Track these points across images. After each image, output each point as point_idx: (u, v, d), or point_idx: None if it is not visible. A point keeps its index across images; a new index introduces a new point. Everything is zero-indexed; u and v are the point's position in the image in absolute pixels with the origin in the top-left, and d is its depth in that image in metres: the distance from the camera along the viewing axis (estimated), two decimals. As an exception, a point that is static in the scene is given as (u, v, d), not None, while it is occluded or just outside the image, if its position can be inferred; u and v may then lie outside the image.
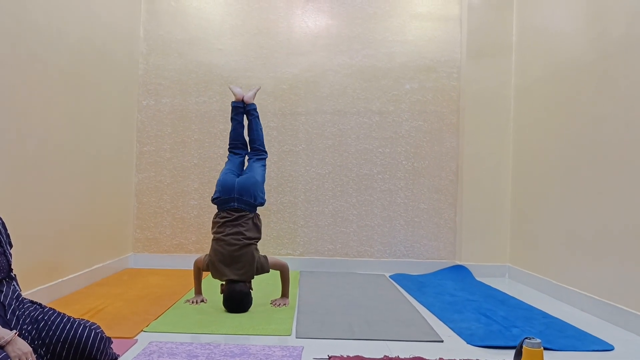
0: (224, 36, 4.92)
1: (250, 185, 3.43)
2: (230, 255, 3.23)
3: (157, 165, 4.87)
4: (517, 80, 4.68)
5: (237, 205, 3.38)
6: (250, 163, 3.69)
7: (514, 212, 4.67)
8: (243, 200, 3.39)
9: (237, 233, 3.29)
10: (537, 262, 4.18)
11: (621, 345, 2.72)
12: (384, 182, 4.90)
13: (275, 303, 3.41)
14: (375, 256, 4.88)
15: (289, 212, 4.88)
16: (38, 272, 3.23)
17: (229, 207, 3.39)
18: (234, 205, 3.38)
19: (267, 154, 3.80)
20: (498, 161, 4.78)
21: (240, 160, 3.72)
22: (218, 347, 2.50)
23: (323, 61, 4.93)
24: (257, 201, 3.45)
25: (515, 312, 3.34)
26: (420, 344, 2.68)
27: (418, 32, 4.94)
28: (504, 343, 2.65)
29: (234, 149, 3.76)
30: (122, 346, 2.46)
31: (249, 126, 3.79)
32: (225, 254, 3.24)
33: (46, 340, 2.04)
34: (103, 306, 3.25)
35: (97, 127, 4.02)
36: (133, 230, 4.85)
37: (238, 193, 3.39)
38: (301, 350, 2.48)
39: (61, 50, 3.44)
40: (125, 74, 4.56)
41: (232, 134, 3.78)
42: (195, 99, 4.89)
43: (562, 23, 3.87)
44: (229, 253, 3.24)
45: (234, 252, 3.24)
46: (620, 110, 3.14)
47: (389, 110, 4.92)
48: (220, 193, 3.43)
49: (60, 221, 3.49)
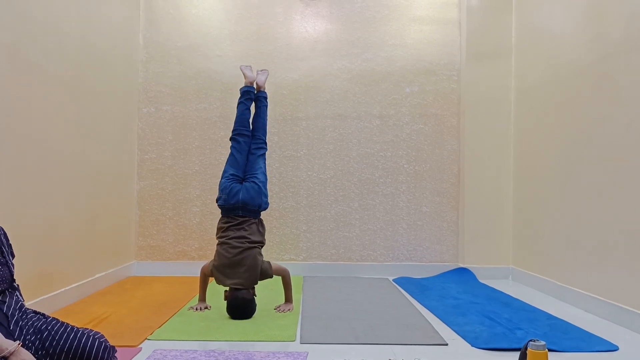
0: (223, 42, 4.93)
1: (255, 195, 3.45)
2: (233, 258, 3.24)
3: (158, 173, 4.88)
4: (517, 82, 4.68)
5: (242, 213, 3.42)
6: (251, 159, 3.68)
7: (516, 214, 4.66)
8: (247, 209, 3.42)
9: (240, 237, 3.31)
10: (540, 264, 4.17)
11: (626, 345, 2.71)
12: (385, 185, 4.90)
13: (279, 309, 3.41)
14: (379, 260, 4.88)
15: (291, 218, 4.88)
16: (40, 281, 3.23)
17: (233, 213, 3.42)
18: (238, 213, 3.42)
19: (267, 147, 3.81)
20: (499, 163, 4.78)
21: (245, 151, 3.66)
22: (222, 354, 2.49)
23: (323, 66, 4.94)
24: (262, 208, 3.50)
25: (519, 314, 3.33)
26: (425, 347, 2.67)
27: (417, 35, 4.95)
28: (509, 345, 2.65)
29: (238, 136, 3.69)
30: (127, 355, 2.45)
31: (256, 112, 3.78)
32: (229, 256, 3.25)
33: (50, 350, 2.04)
34: (106, 315, 3.25)
35: (98, 134, 4.03)
36: (135, 238, 4.85)
37: (242, 202, 3.41)
38: (306, 356, 2.48)
39: (60, 58, 3.45)
40: (125, 82, 4.57)
41: (238, 120, 3.72)
42: (196, 106, 4.90)
43: (561, 25, 3.88)
44: (233, 256, 3.25)
45: (237, 255, 3.25)
46: (620, 111, 3.14)
47: (389, 114, 4.92)
48: (225, 201, 3.44)
49: (62, 230, 3.50)
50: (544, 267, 4.09)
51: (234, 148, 3.67)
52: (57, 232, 3.42)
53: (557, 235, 3.90)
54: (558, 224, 3.88)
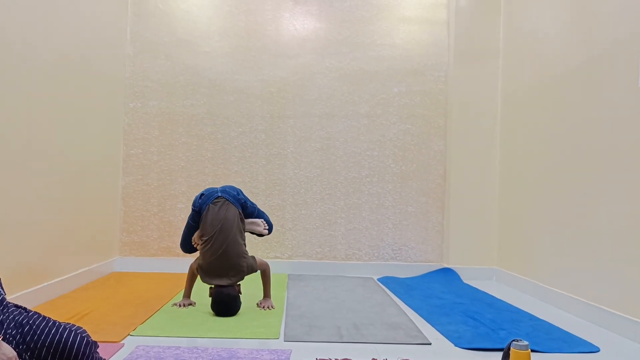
0: (211, 39, 4.91)
1: (231, 189, 3.47)
2: (219, 254, 3.22)
3: (144, 168, 4.84)
4: (504, 84, 4.72)
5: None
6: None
7: (502, 215, 4.70)
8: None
9: (225, 237, 3.28)
10: (524, 265, 4.21)
11: (607, 347, 2.74)
12: (372, 185, 4.91)
13: (262, 305, 3.41)
14: (363, 259, 4.88)
15: (277, 215, 4.87)
16: (23, 276, 3.19)
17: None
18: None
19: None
20: (485, 164, 4.81)
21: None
22: (206, 350, 2.48)
23: (311, 64, 4.93)
24: (242, 199, 3.49)
25: (503, 315, 3.35)
26: (408, 346, 2.68)
27: (405, 35, 4.96)
28: (492, 345, 2.66)
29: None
30: (109, 350, 2.43)
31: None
32: (214, 252, 3.23)
33: (31, 344, 2.01)
34: (89, 310, 3.22)
35: (83, 129, 3.99)
36: (120, 234, 4.81)
37: (221, 191, 3.42)
38: (289, 354, 2.47)
39: (45, 51, 3.41)
40: (111, 76, 4.53)
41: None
42: (183, 102, 4.87)
43: (548, 28, 3.91)
44: (217, 250, 3.22)
45: (223, 249, 3.23)
46: (605, 114, 3.17)
47: (377, 113, 4.93)
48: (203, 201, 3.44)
49: (45, 224, 3.46)
50: (528, 269, 4.13)
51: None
52: (40, 227, 3.38)
53: (541, 237, 3.93)
54: (543, 226, 3.91)
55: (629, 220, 2.94)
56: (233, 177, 4.85)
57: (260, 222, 3.53)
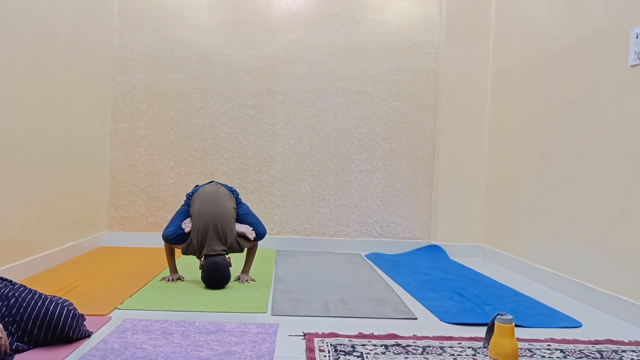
0: (200, 12, 4.84)
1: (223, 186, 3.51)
2: (212, 219, 3.26)
3: (132, 143, 4.80)
4: (495, 63, 4.70)
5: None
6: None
7: (489, 194, 4.73)
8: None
9: (218, 205, 3.33)
10: (509, 243, 4.25)
11: (588, 322, 2.79)
12: (361, 162, 4.91)
13: (242, 280, 3.44)
14: (352, 236, 4.91)
15: (265, 191, 4.87)
16: (10, 249, 3.17)
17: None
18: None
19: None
20: (474, 143, 4.82)
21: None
22: (193, 324, 2.49)
23: (302, 40, 4.89)
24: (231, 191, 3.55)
25: (488, 291, 3.39)
26: (395, 321, 2.71)
27: (397, 12, 4.92)
28: (477, 320, 2.70)
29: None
30: (96, 323, 2.44)
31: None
32: (207, 218, 3.26)
33: (17, 317, 2.01)
34: (76, 284, 3.21)
35: (70, 103, 3.93)
36: (107, 209, 4.79)
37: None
38: (277, 328, 2.49)
39: (30, 22, 3.34)
40: (98, 49, 4.46)
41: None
42: (171, 76, 4.81)
43: (540, 7, 3.89)
44: (210, 216, 3.26)
45: (216, 213, 3.27)
46: (594, 94, 3.18)
47: (367, 90, 4.90)
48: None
49: (33, 199, 3.43)
50: (514, 246, 4.17)
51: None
52: (26, 200, 3.35)
53: (527, 215, 3.97)
54: (529, 204, 3.95)
55: (610, 200, 2.96)
56: (222, 152, 4.83)
57: (249, 228, 3.43)
